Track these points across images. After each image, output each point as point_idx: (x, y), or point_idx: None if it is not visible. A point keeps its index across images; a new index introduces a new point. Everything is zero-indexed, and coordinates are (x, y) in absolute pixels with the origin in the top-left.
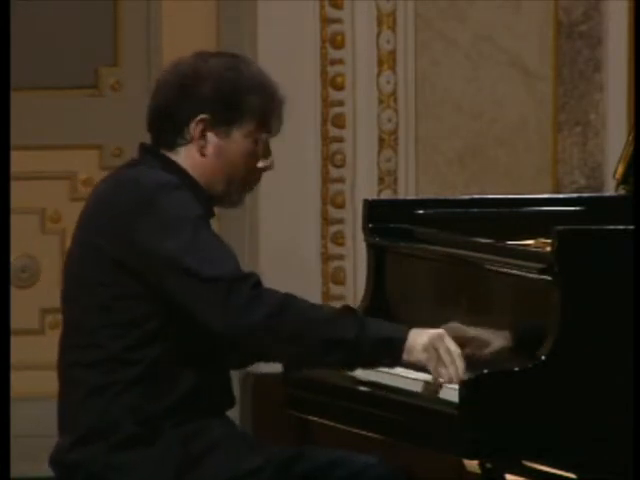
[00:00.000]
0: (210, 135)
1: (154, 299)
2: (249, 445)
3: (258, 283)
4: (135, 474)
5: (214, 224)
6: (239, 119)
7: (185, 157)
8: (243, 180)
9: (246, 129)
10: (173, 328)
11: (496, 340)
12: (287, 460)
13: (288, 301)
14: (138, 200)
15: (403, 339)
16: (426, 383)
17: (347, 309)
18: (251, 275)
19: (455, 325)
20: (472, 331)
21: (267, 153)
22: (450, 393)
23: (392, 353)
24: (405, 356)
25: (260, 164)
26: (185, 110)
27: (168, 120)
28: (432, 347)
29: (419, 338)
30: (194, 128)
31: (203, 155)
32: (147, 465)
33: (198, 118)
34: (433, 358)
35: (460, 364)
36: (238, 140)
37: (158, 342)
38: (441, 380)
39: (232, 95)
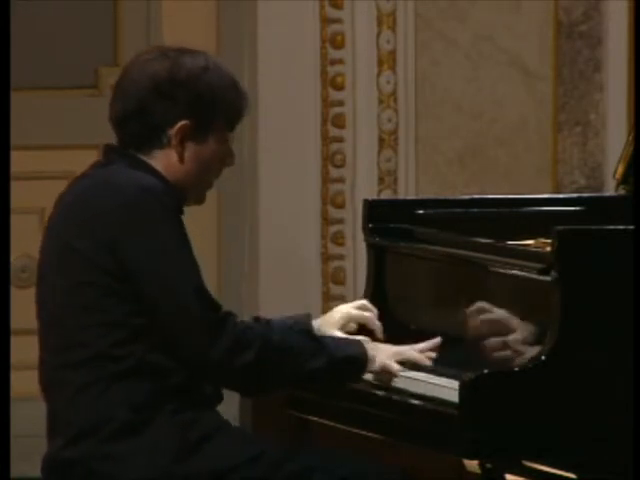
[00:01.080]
0: (188, 142)
1: (138, 299)
2: (244, 436)
3: (234, 323)
4: (131, 463)
5: (213, 225)
6: (216, 123)
7: (161, 160)
8: (210, 180)
9: (219, 132)
10: (158, 324)
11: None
12: (284, 454)
13: (264, 344)
14: (122, 205)
15: (365, 353)
16: (429, 384)
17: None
18: (226, 314)
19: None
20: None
21: (231, 150)
22: (450, 393)
23: (359, 368)
24: (369, 366)
25: (226, 161)
26: (163, 114)
27: (142, 123)
28: (395, 353)
29: (376, 349)
30: (174, 135)
31: (181, 161)
32: (143, 453)
33: (179, 125)
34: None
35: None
36: (212, 144)
37: (144, 338)
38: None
39: (210, 99)
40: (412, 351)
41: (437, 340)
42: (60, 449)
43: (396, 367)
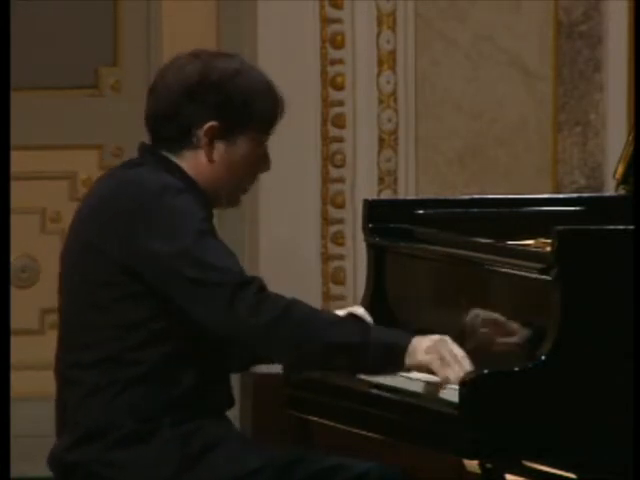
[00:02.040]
0: (217, 142)
1: (156, 301)
2: (249, 446)
3: (262, 287)
4: (134, 471)
5: (214, 223)
6: (246, 125)
7: (190, 161)
8: (243, 184)
9: (251, 134)
10: (175, 329)
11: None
12: (287, 463)
13: (292, 305)
14: (142, 203)
15: (406, 344)
16: (429, 384)
17: (352, 316)
18: (255, 279)
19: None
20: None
21: (266, 155)
22: (450, 393)
23: (395, 358)
24: (407, 360)
25: (261, 167)
26: (193, 116)
27: (174, 124)
28: (435, 349)
29: (422, 342)
30: (203, 135)
31: (210, 161)
32: (146, 463)
33: (207, 125)
34: (436, 359)
35: (466, 363)
36: (244, 146)
37: (159, 343)
38: (446, 379)
39: (241, 102)
40: (461, 370)
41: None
42: (65, 450)
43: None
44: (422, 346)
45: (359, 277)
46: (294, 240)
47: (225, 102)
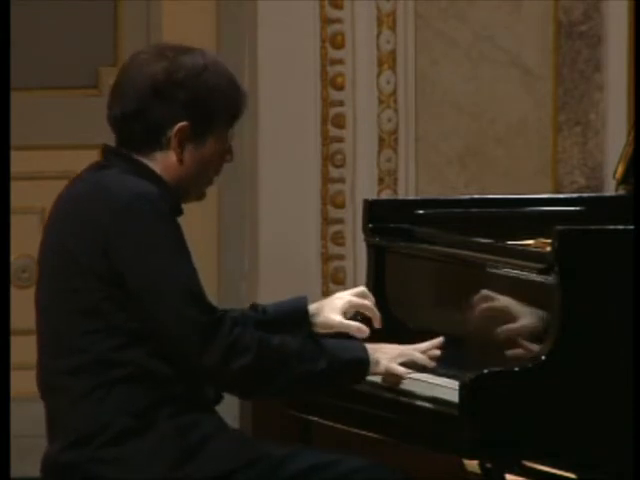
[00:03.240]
0: (187, 143)
1: (133, 305)
2: (243, 439)
3: (231, 327)
4: (131, 467)
5: (213, 225)
6: (215, 123)
7: (160, 163)
8: (211, 177)
9: (219, 132)
10: (151, 328)
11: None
12: (283, 456)
13: (260, 346)
14: (114, 211)
15: (367, 357)
16: (429, 384)
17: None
18: (221, 318)
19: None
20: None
21: (230, 147)
22: (450, 393)
23: (362, 371)
24: (371, 369)
25: (226, 158)
26: (162, 116)
27: (142, 125)
28: (399, 354)
29: (379, 352)
30: (173, 136)
31: (180, 162)
32: (142, 458)
33: (177, 127)
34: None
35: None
36: (212, 145)
37: (143, 343)
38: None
39: (209, 100)
40: (415, 352)
41: (439, 340)
42: (58, 452)
43: (401, 369)
44: (384, 354)
45: (359, 277)
46: (294, 240)
47: (193, 101)
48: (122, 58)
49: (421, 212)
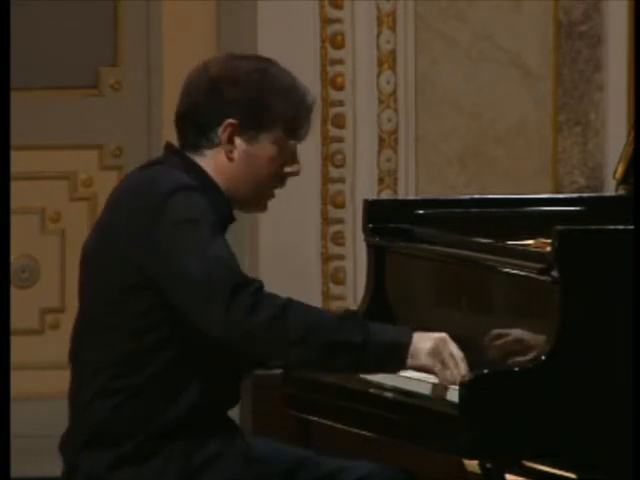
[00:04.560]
0: (238, 140)
1: (165, 305)
2: (246, 457)
3: (261, 288)
4: None
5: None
6: (268, 125)
7: (211, 160)
8: (268, 186)
9: (274, 135)
10: (183, 335)
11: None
12: (286, 473)
13: (291, 305)
14: (152, 202)
15: (408, 344)
16: (433, 385)
17: (350, 313)
18: (254, 280)
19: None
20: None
21: (294, 159)
22: (450, 393)
23: (397, 357)
24: (409, 361)
25: (287, 169)
26: (213, 113)
27: (195, 122)
28: (436, 351)
29: (423, 342)
30: (222, 132)
31: (230, 159)
32: (146, 479)
33: (226, 122)
34: (438, 362)
35: (463, 366)
36: (266, 146)
37: (167, 348)
38: (445, 383)
39: (261, 100)
40: (458, 376)
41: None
42: (75, 449)
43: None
44: (424, 348)
45: (359, 277)
46: (294, 240)
47: (244, 99)
48: (122, 58)
49: (421, 212)
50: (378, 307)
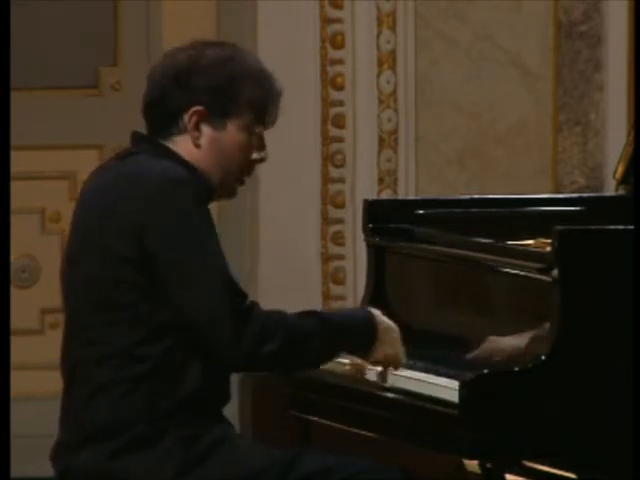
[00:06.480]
0: (204, 127)
1: (159, 295)
2: (249, 448)
3: (255, 305)
4: (137, 475)
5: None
6: (234, 111)
7: (181, 146)
8: (236, 172)
9: (241, 121)
10: (178, 323)
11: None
12: (288, 463)
13: (287, 334)
14: (146, 194)
15: (375, 325)
16: (428, 384)
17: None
18: (245, 295)
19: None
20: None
21: (261, 145)
22: (450, 393)
23: (370, 335)
24: (377, 348)
25: (254, 156)
26: (179, 100)
27: (162, 109)
28: (395, 343)
29: (385, 334)
30: (188, 119)
31: (197, 146)
32: (149, 466)
33: (192, 110)
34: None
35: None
36: (233, 132)
37: (165, 337)
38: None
39: (227, 86)
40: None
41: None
42: (71, 450)
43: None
44: (386, 339)
45: (359, 277)
46: (294, 240)
47: (211, 86)
48: (122, 58)
49: (421, 212)
50: (378, 307)
